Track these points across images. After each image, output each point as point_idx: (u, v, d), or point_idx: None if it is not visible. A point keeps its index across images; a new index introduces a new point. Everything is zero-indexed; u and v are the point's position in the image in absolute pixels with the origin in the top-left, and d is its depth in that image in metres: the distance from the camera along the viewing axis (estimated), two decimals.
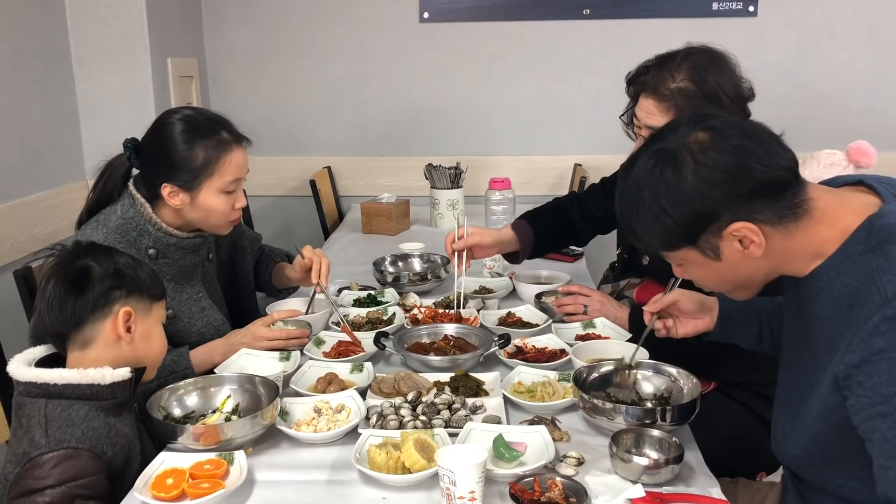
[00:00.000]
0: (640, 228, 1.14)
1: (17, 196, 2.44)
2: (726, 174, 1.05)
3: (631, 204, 1.13)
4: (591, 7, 3.27)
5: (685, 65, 1.67)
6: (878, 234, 1.05)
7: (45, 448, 1.22)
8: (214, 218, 1.72)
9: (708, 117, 1.11)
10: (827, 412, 1.09)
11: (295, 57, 3.42)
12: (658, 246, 1.16)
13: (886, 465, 0.99)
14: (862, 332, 1.00)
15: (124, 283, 1.35)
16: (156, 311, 1.42)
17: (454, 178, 2.98)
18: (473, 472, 1.11)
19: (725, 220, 1.07)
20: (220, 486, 1.19)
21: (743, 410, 1.76)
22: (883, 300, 0.99)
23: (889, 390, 0.98)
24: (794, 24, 3.22)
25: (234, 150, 1.69)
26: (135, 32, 2.79)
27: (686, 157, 1.07)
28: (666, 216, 1.09)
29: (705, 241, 1.10)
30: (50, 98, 2.65)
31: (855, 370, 1.01)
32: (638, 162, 1.13)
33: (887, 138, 3.27)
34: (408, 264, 2.39)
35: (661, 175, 1.08)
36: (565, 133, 3.37)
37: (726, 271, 1.14)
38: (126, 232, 1.67)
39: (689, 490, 1.20)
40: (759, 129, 1.10)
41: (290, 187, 3.55)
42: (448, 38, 3.36)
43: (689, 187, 1.06)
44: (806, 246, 1.11)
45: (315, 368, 1.63)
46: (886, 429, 0.98)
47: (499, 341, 1.69)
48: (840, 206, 1.10)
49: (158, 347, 1.43)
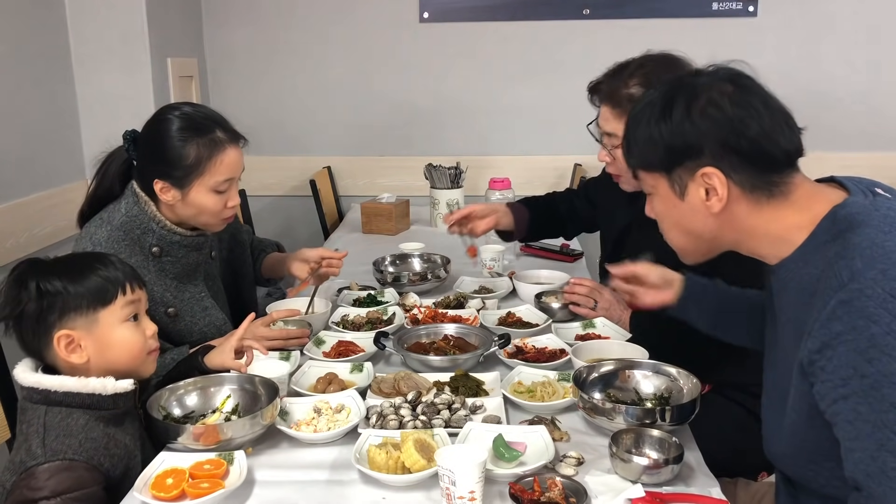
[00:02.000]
0: (634, 140, 1.20)
1: (17, 196, 2.44)
2: (727, 122, 1.09)
3: (637, 117, 1.18)
4: (590, 7, 3.27)
5: (639, 72, 1.74)
6: (839, 223, 1.07)
7: (41, 458, 1.21)
8: (206, 216, 1.72)
9: (743, 76, 1.14)
10: (799, 401, 1.10)
11: (295, 57, 3.42)
12: (639, 163, 1.21)
13: (850, 448, 1.01)
14: (821, 318, 1.02)
15: (54, 306, 1.29)
16: (106, 317, 1.33)
17: (454, 178, 2.98)
18: (473, 472, 1.11)
19: (704, 161, 1.11)
20: (220, 486, 1.19)
21: (740, 410, 1.76)
22: (839, 284, 1.01)
23: (847, 372, 0.99)
24: (794, 24, 3.22)
25: (227, 150, 1.68)
26: (135, 32, 2.79)
27: (702, 98, 1.11)
28: (660, 138, 1.14)
29: (678, 174, 1.15)
30: (50, 98, 2.65)
31: (817, 355, 1.03)
32: (661, 84, 1.18)
33: (887, 138, 3.29)
34: (408, 264, 2.39)
35: (671, 103, 1.13)
36: (565, 133, 3.36)
37: (683, 215, 1.18)
38: (130, 230, 1.68)
39: (688, 490, 1.20)
40: (780, 108, 1.13)
41: (290, 187, 3.55)
42: (448, 38, 3.36)
43: (690, 123, 1.11)
44: (770, 226, 1.13)
45: (315, 368, 1.63)
46: (848, 411, 1.00)
47: (499, 341, 1.69)
48: (813, 196, 1.13)
49: (128, 349, 1.36)
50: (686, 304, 1.54)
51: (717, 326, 1.52)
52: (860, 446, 0.99)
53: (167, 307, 1.72)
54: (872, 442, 0.97)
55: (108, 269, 1.37)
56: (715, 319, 1.51)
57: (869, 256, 1.00)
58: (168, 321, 1.73)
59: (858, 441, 0.99)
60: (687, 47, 1.72)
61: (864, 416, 0.98)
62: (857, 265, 1.00)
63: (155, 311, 1.71)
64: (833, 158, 2.78)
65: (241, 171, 1.75)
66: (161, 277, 1.72)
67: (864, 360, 0.97)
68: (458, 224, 2.15)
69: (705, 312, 1.52)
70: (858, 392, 0.98)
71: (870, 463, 0.98)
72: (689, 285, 1.55)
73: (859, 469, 0.99)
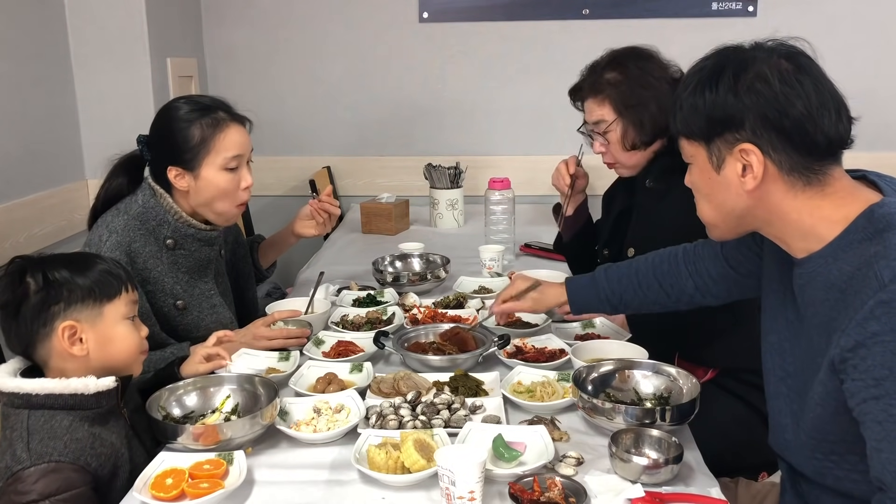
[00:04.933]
0: (679, 105, 1.18)
1: (17, 196, 2.44)
2: (772, 98, 1.08)
3: (687, 81, 1.17)
4: (590, 7, 3.27)
5: (610, 62, 1.89)
6: (877, 222, 1.06)
7: (26, 462, 1.20)
8: (221, 200, 1.74)
9: (802, 55, 1.13)
10: (825, 397, 1.10)
11: (295, 57, 3.42)
12: (681, 129, 1.19)
13: (878, 448, 1.00)
14: (857, 316, 1.01)
15: (60, 295, 1.30)
16: (111, 312, 1.35)
17: (454, 178, 2.98)
18: (473, 471, 1.11)
19: (744, 136, 1.10)
20: (220, 486, 1.19)
21: (741, 405, 1.76)
22: (879, 285, 1.00)
23: (882, 373, 0.99)
24: (794, 24, 3.17)
25: (230, 127, 1.74)
26: (135, 32, 2.78)
27: (751, 71, 1.10)
28: (703, 107, 1.12)
29: (717, 146, 1.13)
30: (50, 98, 2.65)
31: (850, 354, 1.02)
32: (715, 51, 1.17)
33: (887, 138, 3.28)
34: (407, 264, 2.39)
35: (720, 72, 1.11)
36: (565, 133, 3.34)
37: (716, 187, 1.17)
38: (146, 220, 1.72)
39: (688, 490, 1.20)
40: (833, 92, 1.12)
41: (290, 187, 3.55)
42: (447, 38, 3.35)
43: (734, 95, 1.09)
44: (803, 214, 1.11)
45: (315, 368, 1.63)
46: (879, 411, 0.99)
47: (498, 341, 1.69)
48: (849, 194, 1.11)
49: (127, 346, 1.37)
50: (578, 304, 1.66)
51: (617, 308, 1.63)
52: (889, 447, 0.98)
53: (176, 299, 1.74)
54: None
55: (108, 264, 1.38)
56: (614, 304, 1.62)
57: None
58: (176, 314, 1.74)
59: (887, 442, 0.99)
60: (687, 47, 1.71)
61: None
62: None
63: (164, 302, 1.72)
64: None
65: (250, 152, 1.80)
66: (173, 270, 1.75)
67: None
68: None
69: (599, 303, 1.63)
70: (892, 393, 0.98)
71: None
72: (572, 288, 1.67)
73: (887, 470, 0.99)
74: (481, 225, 2.68)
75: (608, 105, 1.88)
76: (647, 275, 1.56)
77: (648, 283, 1.55)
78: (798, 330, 1.21)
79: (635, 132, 1.86)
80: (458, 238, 2.81)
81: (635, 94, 1.83)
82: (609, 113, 1.88)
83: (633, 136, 1.86)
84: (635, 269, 1.58)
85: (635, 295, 1.57)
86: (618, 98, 1.86)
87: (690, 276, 1.50)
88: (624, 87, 1.85)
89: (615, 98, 1.86)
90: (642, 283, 1.56)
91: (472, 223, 3.00)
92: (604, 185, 2.28)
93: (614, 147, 1.91)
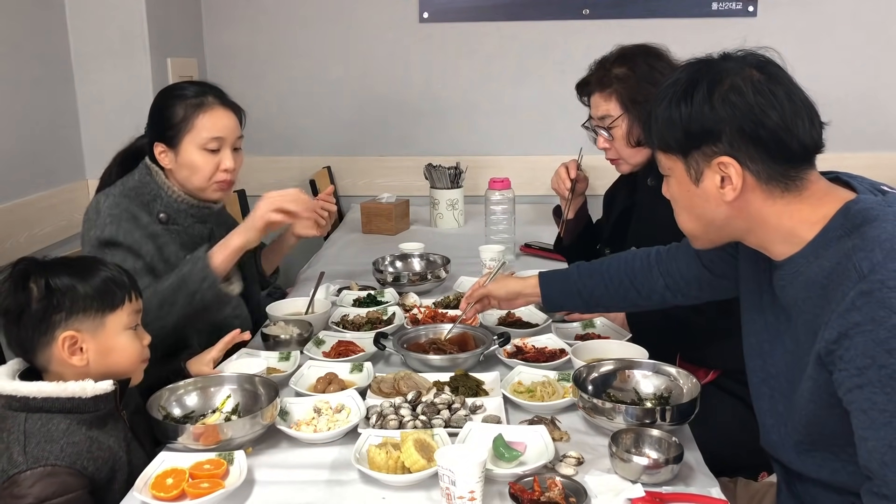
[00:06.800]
0: (654, 118, 1.18)
1: (17, 196, 2.44)
2: (747, 109, 1.08)
3: (661, 95, 1.17)
4: (590, 7, 3.27)
5: (619, 57, 1.90)
6: (854, 217, 1.08)
7: (22, 466, 1.19)
8: (197, 178, 1.79)
9: (772, 64, 1.14)
10: (817, 391, 1.11)
11: (295, 57, 3.42)
12: (657, 143, 1.20)
13: (864, 436, 1.02)
14: (839, 308, 1.03)
15: (63, 305, 1.27)
16: (113, 322, 1.33)
17: (454, 178, 2.98)
18: (473, 471, 1.11)
19: (721, 148, 1.11)
20: (220, 486, 1.19)
21: (741, 405, 1.76)
22: (859, 276, 1.02)
23: (864, 362, 1.00)
24: (793, 25, 3.21)
25: (213, 108, 1.79)
26: (135, 32, 2.78)
27: (725, 82, 1.10)
28: (679, 120, 1.13)
29: (695, 159, 1.14)
30: (50, 98, 2.65)
31: (835, 345, 1.04)
32: (687, 64, 1.18)
33: (887, 138, 3.28)
34: (407, 264, 2.39)
35: (694, 85, 1.12)
36: (565, 133, 3.34)
37: (696, 200, 1.17)
38: (141, 194, 1.79)
39: (688, 490, 1.20)
40: (804, 100, 1.13)
41: (290, 187, 3.54)
42: (447, 38, 3.35)
43: (710, 107, 1.10)
44: (783, 219, 1.13)
45: (315, 368, 1.63)
46: (863, 400, 1.01)
47: (499, 341, 1.69)
48: (826, 194, 1.13)
49: (128, 356, 1.36)
50: (550, 297, 1.65)
51: (588, 303, 1.63)
52: (874, 435, 1.00)
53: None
54: (890, 430, 0.98)
55: (113, 272, 1.36)
56: (585, 299, 1.62)
57: (889, 248, 1.01)
58: None
59: (873, 430, 1.00)
60: (687, 47, 1.71)
61: (880, 406, 0.99)
62: (877, 257, 1.01)
63: (168, 273, 1.71)
64: (833, 158, 2.71)
65: (235, 137, 1.83)
66: (174, 242, 1.80)
67: (884, 351, 0.98)
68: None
69: (572, 298, 1.63)
70: (875, 381, 0.99)
71: (885, 452, 0.99)
72: (545, 281, 1.65)
73: (873, 458, 1.00)
74: (481, 225, 2.68)
75: (615, 100, 1.89)
76: (618, 271, 1.57)
77: (620, 279, 1.57)
78: (779, 331, 1.23)
79: (641, 128, 1.86)
80: (459, 238, 2.82)
81: (643, 90, 1.83)
82: (615, 108, 1.89)
83: (638, 133, 1.87)
84: (608, 266, 1.60)
85: (606, 290, 1.58)
86: (625, 93, 1.87)
87: (661, 275, 1.52)
88: (632, 83, 1.85)
89: (622, 93, 1.87)
90: (614, 278, 1.57)
91: (473, 223, 3.01)
92: (604, 186, 2.28)
93: (619, 143, 1.92)
